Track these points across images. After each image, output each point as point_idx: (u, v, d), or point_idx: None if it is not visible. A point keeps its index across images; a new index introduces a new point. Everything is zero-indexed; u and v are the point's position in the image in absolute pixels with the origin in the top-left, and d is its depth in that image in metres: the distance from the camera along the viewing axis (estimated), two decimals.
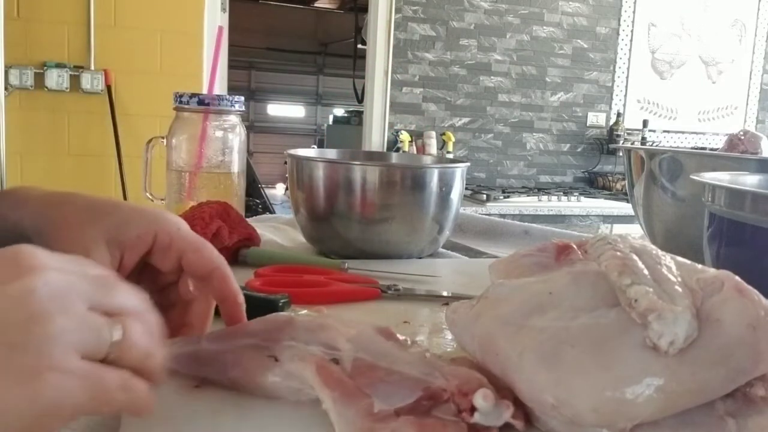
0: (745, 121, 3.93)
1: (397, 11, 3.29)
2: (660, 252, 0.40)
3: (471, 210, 2.65)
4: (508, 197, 3.04)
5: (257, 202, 4.65)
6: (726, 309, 0.34)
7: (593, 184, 3.67)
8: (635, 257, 0.38)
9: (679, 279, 0.36)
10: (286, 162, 0.90)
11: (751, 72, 3.90)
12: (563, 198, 3.09)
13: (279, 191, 8.00)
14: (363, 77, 3.59)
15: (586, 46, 3.61)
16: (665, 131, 3.79)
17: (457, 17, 3.40)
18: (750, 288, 0.35)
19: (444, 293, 0.66)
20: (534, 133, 3.61)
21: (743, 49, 3.87)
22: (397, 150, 3.28)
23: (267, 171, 7.76)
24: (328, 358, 0.39)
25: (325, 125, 6.93)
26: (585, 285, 0.39)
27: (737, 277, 0.36)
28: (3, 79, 2.44)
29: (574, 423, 0.34)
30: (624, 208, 2.99)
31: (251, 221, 0.91)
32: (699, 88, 3.83)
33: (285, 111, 9.49)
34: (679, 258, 0.40)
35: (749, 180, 0.69)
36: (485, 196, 2.98)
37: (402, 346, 0.40)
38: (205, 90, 0.99)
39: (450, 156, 3.34)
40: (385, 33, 3.30)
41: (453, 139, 3.41)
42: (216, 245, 0.48)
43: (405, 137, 3.33)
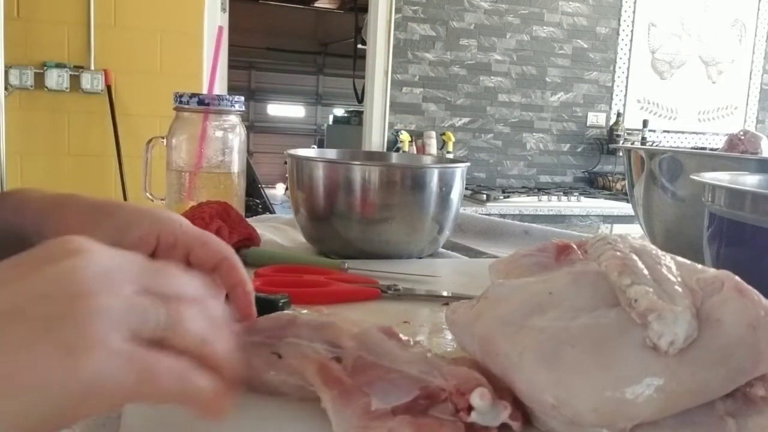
0: (745, 121, 3.93)
1: (397, 11, 3.29)
2: (660, 252, 0.40)
3: (471, 210, 2.65)
4: (508, 197, 3.04)
5: (257, 202, 4.65)
6: (726, 309, 0.34)
7: (593, 184, 3.67)
8: (635, 257, 0.38)
9: (679, 279, 0.36)
10: (286, 162, 0.90)
11: (751, 72, 3.90)
12: (563, 198, 3.09)
13: (279, 191, 8.00)
14: (363, 77, 3.59)
15: (586, 46, 3.61)
16: (665, 131, 3.79)
17: (457, 17, 3.40)
18: (750, 288, 0.35)
19: (444, 293, 0.66)
20: (534, 133, 3.61)
21: (743, 49, 3.87)
22: (397, 150, 3.28)
23: (267, 171, 7.75)
24: (330, 356, 0.39)
25: (325, 125, 6.93)
26: (585, 285, 0.39)
27: (737, 277, 0.36)
28: (3, 79, 2.44)
29: (574, 423, 0.34)
30: (624, 208, 2.99)
31: (251, 221, 0.91)
32: (699, 88, 3.83)
33: (285, 111, 9.48)
34: (679, 258, 0.40)
35: (749, 180, 0.69)
36: (485, 196, 2.98)
37: (404, 345, 0.40)
38: (205, 90, 0.99)
39: (450, 156, 3.34)
40: (385, 33, 3.30)
41: (453, 139, 3.41)
42: None
43: (405, 137, 3.33)
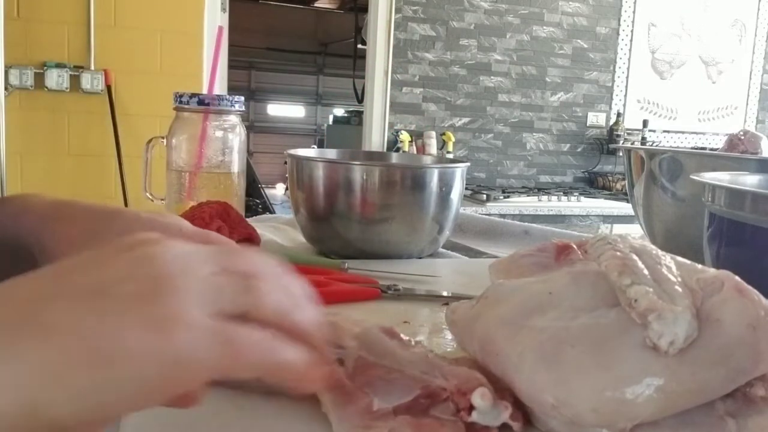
0: (745, 121, 3.93)
1: (397, 11, 3.29)
2: (660, 252, 0.40)
3: (471, 210, 2.65)
4: (508, 197, 3.04)
5: (257, 202, 4.65)
6: (726, 309, 0.34)
7: (593, 184, 3.67)
8: (635, 257, 0.38)
9: (679, 279, 0.36)
10: (286, 162, 0.90)
11: (751, 72, 3.90)
12: (563, 198, 3.09)
13: (279, 191, 8.00)
14: (363, 77, 3.59)
15: (586, 46, 3.61)
16: (665, 131, 3.79)
17: (457, 17, 3.40)
18: (750, 288, 0.35)
19: (444, 293, 0.66)
20: (534, 133, 3.61)
21: (743, 49, 3.87)
22: (397, 150, 3.28)
23: (267, 171, 7.76)
24: (333, 357, 0.39)
25: (325, 125, 6.93)
26: (585, 285, 0.39)
27: (737, 277, 0.36)
28: (3, 79, 2.44)
29: (574, 423, 0.34)
30: (624, 208, 2.99)
31: (251, 221, 0.91)
32: (699, 88, 3.83)
33: (285, 111, 9.48)
34: (679, 258, 0.40)
35: (749, 180, 0.69)
36: (485, 196, 2.98)
37: (405, 345, 0.41)
38: (205, 90, 0.99)
39: (450, 156, 3.34)
40: (385, 33, 3.30)
41: (453, 139, 3.41)
42: None
43: (405, 137, 3.33)
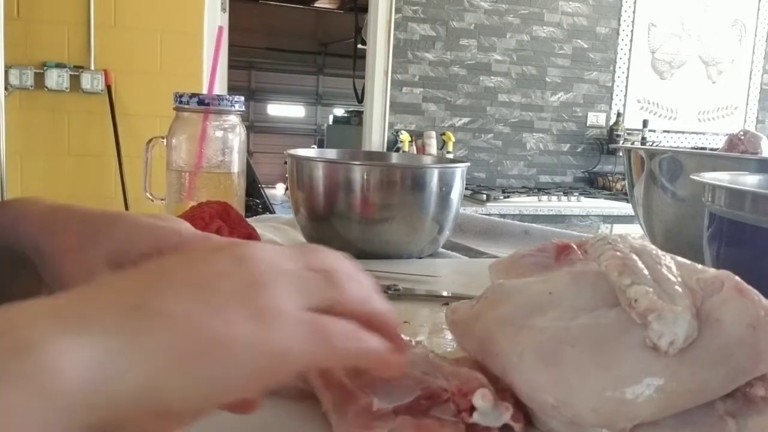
0: (745, 121, 3.93)
1: (397, 11, 3.29)
2: (660, 252, 0.40)
3: (471, 210, 2.65)
4: (508, 197, 3.04)
5: (257, 202, 4.65)
6: (726, 309, 0.34)
7: (593, 184, 3.67)
8: (635, 257, 0.38)
9: (679, 279, 0.36)
10: (286, 162, 0.89)
11: (751, 72, 3.90)
12: (563, 198, 3.09)
13: (279, 191, 8.00)
14: (363, 77, 3.59)
15: (586, 46, 3.61)
16: (665, 131, 3.79)
17: (457, 17, 3.40)
18: (750, 288, 0.35)
19: (444, 293, 0.66)
20: (534, 133, 3.61)
21: (743, 49, 3.87)
22: (397, 150, 3.28)
23: (267, 171, 7.75)
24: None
25: (325, 125, 6.93)
26: (585, 285, 0.39)
27: (737, 277, 0.36)
28: (3, 79, 2.44)
29: (574, 423, 0.34)
30: (624, 208, 2.99)
31: (251, 221, 0.91)
32: (699, 88, 3.83)
33: (285, 111, 9.48)
34: (679, 258, 0.40)
35: (749, 180, 0.69)
36: (485, 196, 2.98)
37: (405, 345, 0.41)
38: (205, 90, 0.99)
39: (450, 156, 3.34)
40: (385, 33, 3.30)
41: (453, 139, 3.41)
42: None
43: (405, 137, 3.33)
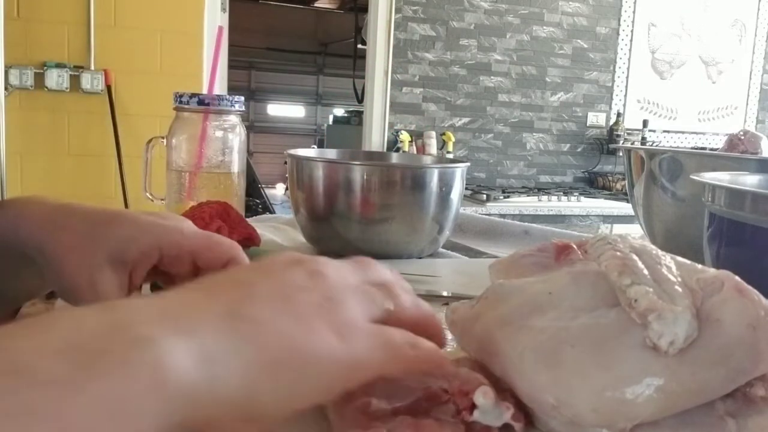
0: (745, 121, 3.93)
1: (397, 11, 3.29)
2: (660, 252, 0.40)
3: (471, 210, 2.65)
4: (508, 197, 3.04)
5: (257, 202, 4.65)
6: (726, 309, 0.34)
7: (593, 184, 3.67)
8: (635, 257, 0.38)
9: (679, 279, 0.36)
10: (286, 162, 0.89)
11: (751, 72, 3.90)
12: (563, 198, 3.09)
13: (279, 191, 8.00)
14: (363, 77, 3.59)
15: (586, 46, 3.61)
16: (665, 131, 3.79)
17: (457, 17, 3.40)
18: (750, 288, 0.35)
19: (444, 293, 0.66)
20: (534, 133, 3.61)
21: (743, 49, 3.87)
22: (397, 150, 3.28)
23: (267, 171, 7.75)
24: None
25: (325, 125, 6.93)
26: (585, 285, 0.39)
27: (737, 277, 0.36)
28: (3, 79, 2.44)
29: (574, 423, 0.34)
30: (624, 208, 2.99)
31: (251, 221, 0.91)
32: (699, 88, 3.83)
33: (285, 111, 9.48)
34: (679, 258, 0.40)
35: (749, 180, 0.69)
36: (485, 196, 2.98)
37: None
38: (205, 90, 0.99)
39: (450, 156, 3.34)
40: (385, 33, 3.30)
41: (453, 139, 3.41)
42: None
43: (405, 137, 3.33)
